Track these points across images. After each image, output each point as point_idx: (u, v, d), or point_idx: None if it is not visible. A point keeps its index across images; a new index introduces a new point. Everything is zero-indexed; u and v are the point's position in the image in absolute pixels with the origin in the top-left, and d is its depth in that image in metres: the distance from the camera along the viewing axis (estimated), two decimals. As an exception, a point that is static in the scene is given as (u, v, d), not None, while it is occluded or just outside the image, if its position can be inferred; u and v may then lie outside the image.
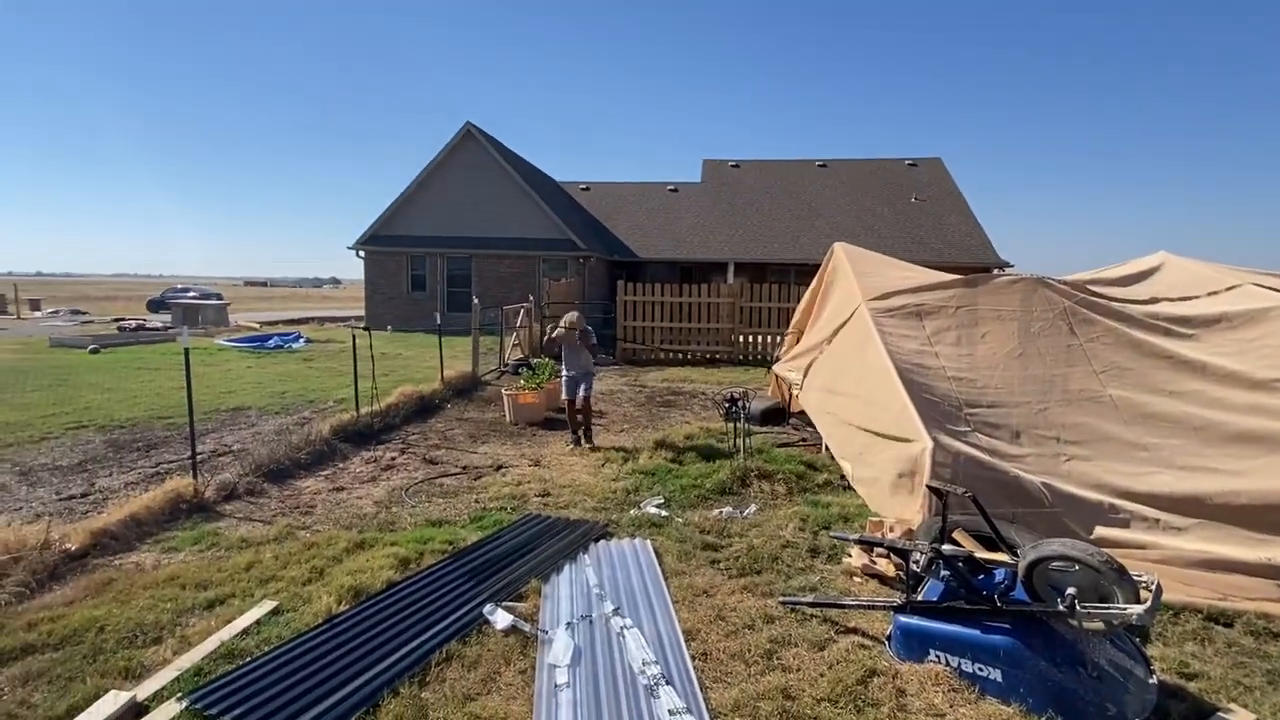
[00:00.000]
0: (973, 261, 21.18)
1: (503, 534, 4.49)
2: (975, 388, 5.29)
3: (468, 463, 6.54)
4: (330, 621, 3.29)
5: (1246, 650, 3.15)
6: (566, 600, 3.58)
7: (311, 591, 3.65)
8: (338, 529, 4.72)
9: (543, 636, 3.19)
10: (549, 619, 3.39)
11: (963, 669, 2.84)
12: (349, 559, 4.10)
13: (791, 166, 28.33)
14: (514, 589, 3.69)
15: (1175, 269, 6.49)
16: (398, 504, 5.34)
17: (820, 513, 4.88)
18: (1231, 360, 5.06)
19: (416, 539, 4.40)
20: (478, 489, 5.72)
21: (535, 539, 4.40)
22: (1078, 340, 5.52)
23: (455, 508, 5.24)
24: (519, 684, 2.86)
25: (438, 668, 2.95)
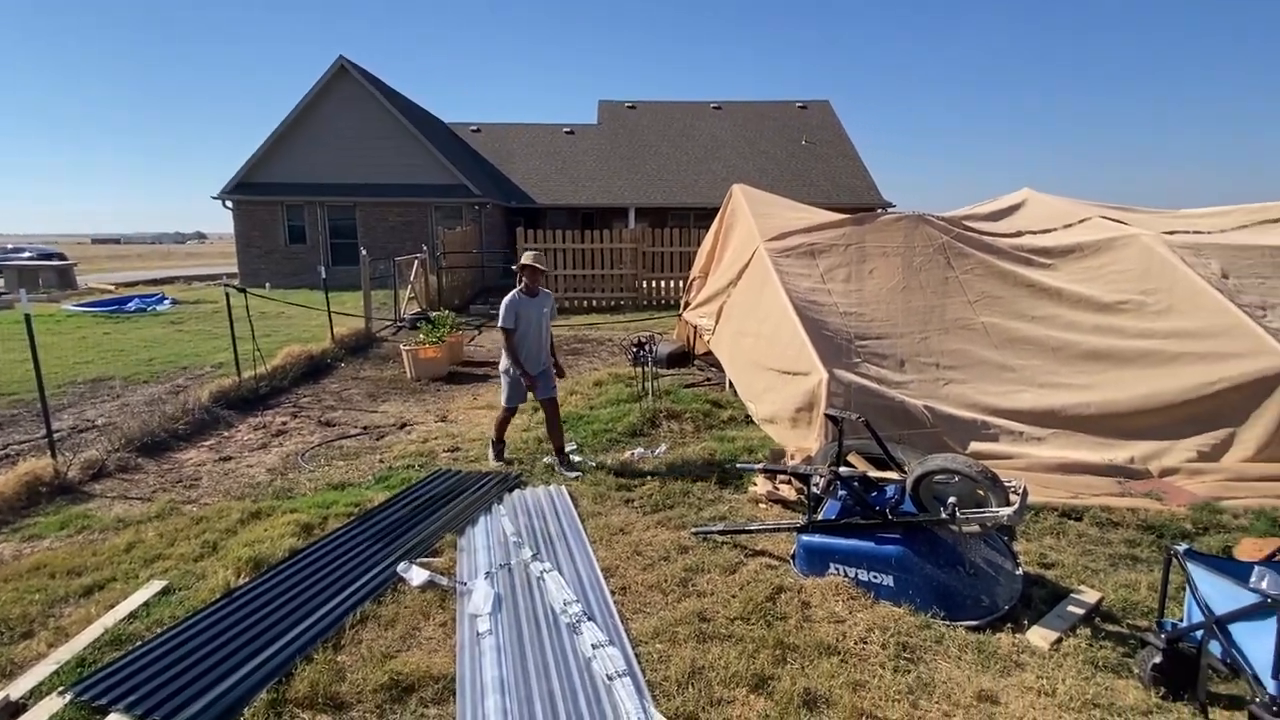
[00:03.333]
0: (858, 202, 22.12)
1: (412, 492, 4.38)
2: (864, 321, 5.60)
3: (368, 423, 6.28)
4: (230, 596, 3.12)
5: (1093, 539, 3.61)
6: (484, 551, 3.57)
7: (205, 567, 3.43)
8: (229, 500, 4.43)
9: (461, 589, 3.17)
10: (467, 571, 3.37)
11: (859, 578, 3.10)
12: (245, 530, 3.87)
13: (687, 108, 28.17)
14: (428, 545, 3.63)
15: (1037, 204, 7.08)
16: (294, 470, 5.07)
17: (727, 447, 5.08)
18: (1083, 286, 5.62)
19: (318, 504, 4.21)
20: (381, 449, 5.51)
21: (447, 494, 4.32)
22: (954, 273, 5.94)
23: (358, 469, 5.04)
24: (440, 637, 2.84)
25: (353, 630, 2.88)
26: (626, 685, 2.46)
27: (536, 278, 4.70)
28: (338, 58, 19.72)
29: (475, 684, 2.52)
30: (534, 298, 4.70)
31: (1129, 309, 5.29)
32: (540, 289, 4.76)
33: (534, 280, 4.69)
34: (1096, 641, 2.70)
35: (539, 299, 4.74)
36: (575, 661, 2.64)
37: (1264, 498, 3.99)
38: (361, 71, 19.96)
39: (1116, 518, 3.83)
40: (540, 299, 4.75)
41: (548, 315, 4.82)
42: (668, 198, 23.48)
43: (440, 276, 14.56)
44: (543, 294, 4.80)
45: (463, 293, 15.86)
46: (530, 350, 4.75)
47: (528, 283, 4.69)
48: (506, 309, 4.61)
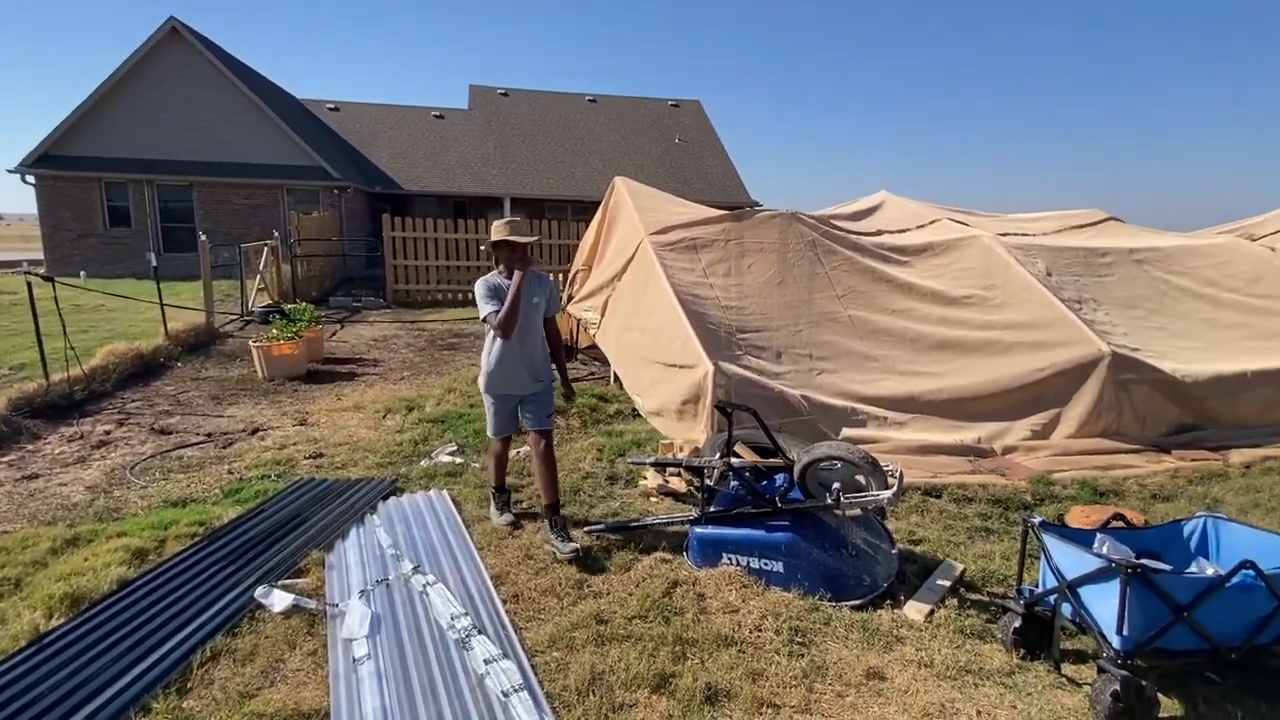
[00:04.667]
0: (729, 201, 22.97)
1: (269, 505, 3.94)
2: (744, 314, 5.76)
3: (213, 429, 5.59)
4: (39, 643, 2.62)
5: (952, 515, 3.93)
6: (357, 567, 3.26)
7: (6, 609, 2.87)
8: (36, 526, 3.75)
9: (332, 611, 2.87)
10: (338, 591, 3.06)
11: (751, 566, 3.15)
12: (59, 562, 3.28)
13: (562, 99, 27.85)
14: (291, 565, 3.26)
15: (893, 206, 7.64)
16: (122, 486, 4.40)
17: (615, 441, 5.03)
18: (934, 282, 6.13)
19: (154, 525, 3.67)
20: (230, 458, 4.93)
21: (311, 506, 3.92)
22: (823, 268, 6.26)
23: (203, 482, 4.46)
24: (309, 667, 2.55)
25: (202, 669, 2.51)
26: (524, 700, 2.32)
27: (517, 256, 3.37)
28: (168, 19, 17.49)
29: (354, 717, 2.28)
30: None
31: (973, 303, 5.83)
32: (533, 271, 3.49)
33: (513, 261, 3.37)
34: (963, 611, 2.92)
35: (526, 285, 3.37)
36: (467, 680, 2.46)
37: (1085, 469, 4.54)
38: (197, 35, 17.85)
39: (970, 494, 4.20)
40: (530, 284, 3.41)
41: (541, 307, 3.50)
42: (545, 189, 23.11)
43: (295, 265, 13.37)
44: (535, 278, 3.48)
45: (321, 283, 14.69)
46: (514, 358, 3.44)
47: (506, 265, 3.41)
48: (481, 295, 3.36)
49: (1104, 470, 4.55)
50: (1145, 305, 5.97)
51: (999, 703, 2.39)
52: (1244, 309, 6.03)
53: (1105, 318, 5.63)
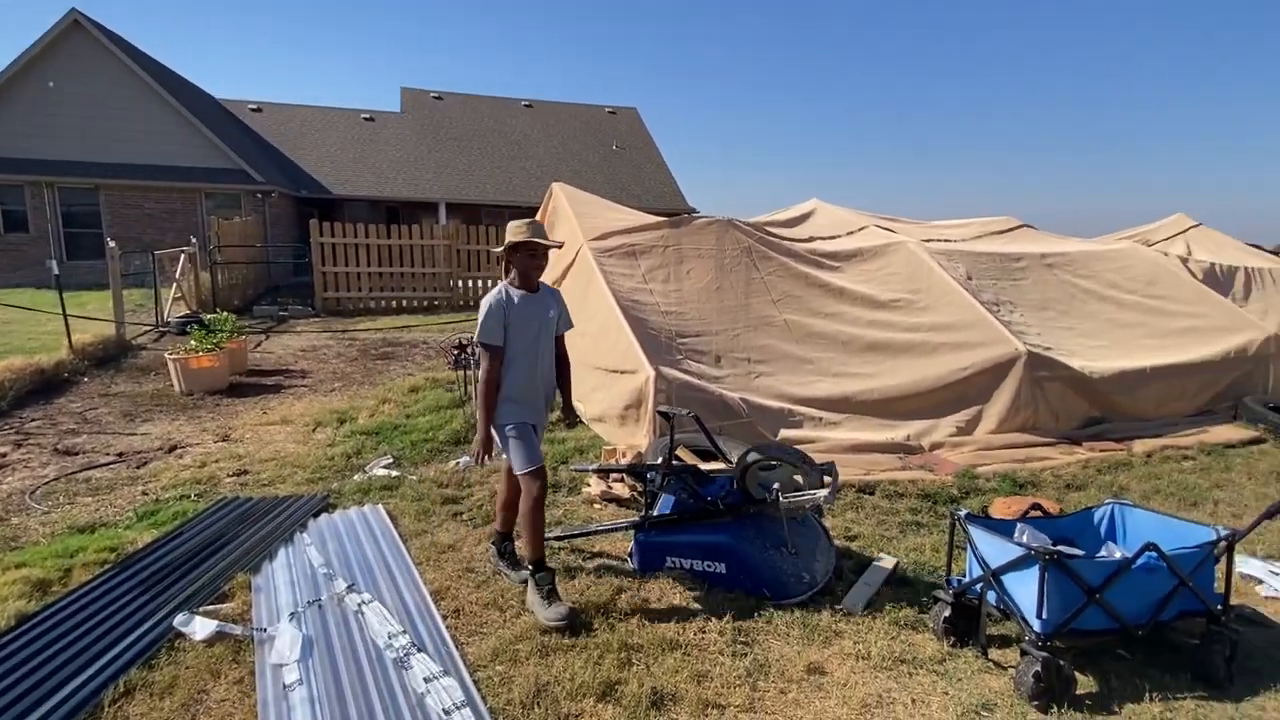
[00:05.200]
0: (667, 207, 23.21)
1: (188, 527, 3.71)
2: (683, 320, 5.83)
3: (126, 448, 5.24)
4: (-78, 689, 2.38)
5: (885, 510, 4.07)
6: (286, 589, 3.12)
7: (-120, 655, 2.59)
8: (-83, 561, 3.42)
9: (260, 636, 2.73)
10: (266, 614, 2.91)
11: (695, 569, 3.18)
12: (-56, 598, 3.00)
13: (497, 103, 27.53)
14: (214, 590, 3.09)
15: (824, 213, 7.88)
16: (20, 513, 4.06)
17: (557, 448, 4.99)
18: (864, 286, 6.35)
19: (58, 553, 3.40)
20: (145, 479, 4.63)
21: (235, 526, 3.72)
22: (759, 274, 6.40)
23: (114, 505, 4.17)
24: (235, 698, 2.41)
25: (115, 706, 2.34)
26: (466, 717, 2.27)
27: (538, 264, 3.00)
28: (70, 10, 16.36)
29: (285, 746, 2.17)
30: (533, 295, 3.01)
31: (900, 306, 6.07)
32: (543, 284, 3.10)
33: (533, 269, 2.99)
34: (898, 603, 3.02)
35: (540, 299, 3.02)
36: (406, 700, 2.38)
37: (1006, 463, 4.79)
38: (102, 29, 16.77)
39: (901, 489, 4.36)
40: (543, 299, 3.04)
41: (554, 325, 3.09)
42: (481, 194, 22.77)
43: (215, 273, 12.71)
44: (546, 291, 3.10)
45: (244, 292, 14.02)
46: (523, 383, 2.99)
47: (520, 273, 2.97)
48: (488, 313, 2.90)
49: (1023, 463, 4.81)
50: (1056, 307, 6.36)
51: (931, 690, 2.48)
52: (1142, 309, 6.51)
53: (1020, 319, 5.97)
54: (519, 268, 2.99)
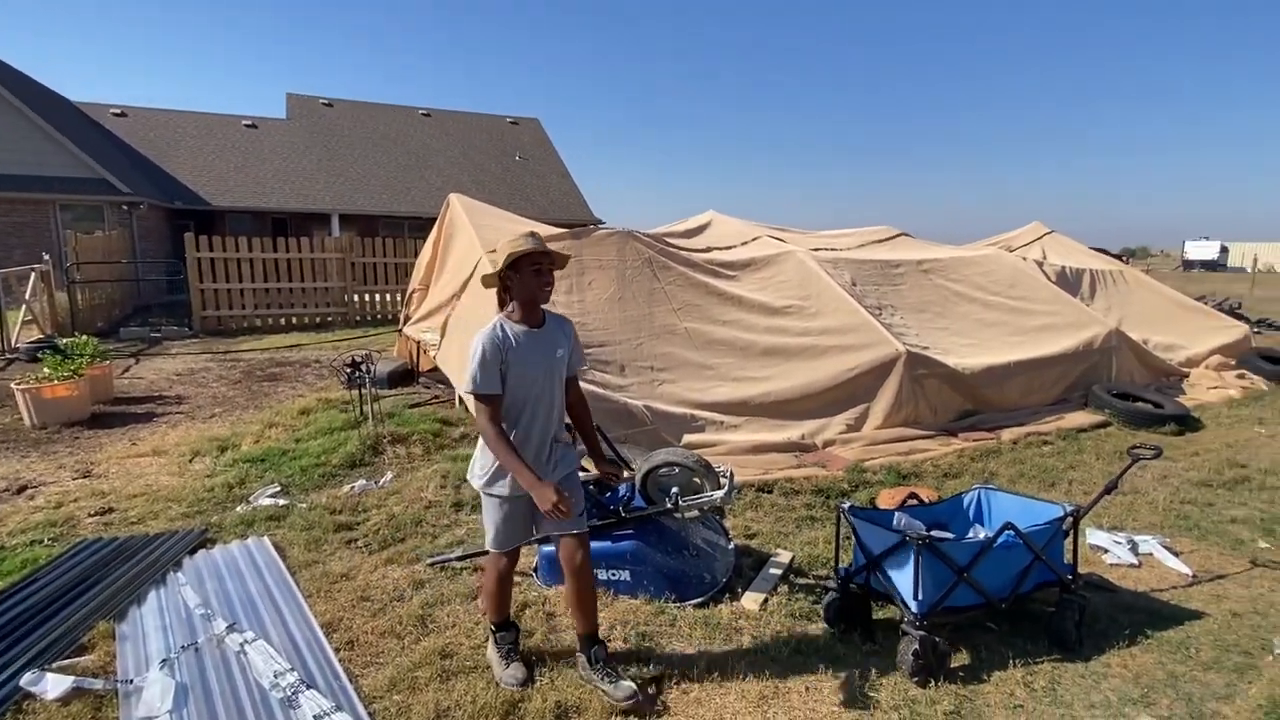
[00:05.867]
0: (572, 218, 23.24)
1: (41, 575, 3.35)
2: (587, 330, 5.85)
3: (-38, 491, 4.65)
4: None
5: (782, 508, 4.25)
6: (157, 634, 2.87)
7: None
8: None
9: (125, 689, 2.50)
10: (133, 664, 2.67)
11: (599, 578, 3.19)
12: None
13: (393, 111, 26.66)
14: (70, 641, 2.80)
15: (720, 224, 8.15)
16: None
17: (460, 467, 4.86)
18: (758, 294, 6.61)
19: (-128, 617, 2.98)
20: (-14, 524, 4.13)
21: (97, 570, 3.39)
22: (659, 284, 6.52)
23: (-53, 557, 3.69)
24: (95, 758, 2.20)
25: (-56, 785, 2.08)
26: (361, 752, 2.17)
27: (544, 283, 2.37)
28: (-120, -3, 14.40)
29: (154, 806, 2.00)
30: (538, 330, 2.41)
31: (792, 312, 6.37)
32: (547, 312, 2.48)
33: (540, 290, 2.37)
34: (793, 595, 3.16)
35: (547, 335, 2.44)
36: (294, 741, 2.25)
37: (891, 456, 5.11)
38: (-75, 21, 14.87)
39: (797, 486, 4.57)
40: (550, 335, 2.45)
41: (564, 362, 2.50)
42: (378, 205, 21.93)
43: (74, 293, 11.53)
44: (555, 321, 2.51)
45: (109, 313, 12.81)
46: (531, 433, 2.43)
47: (525, 300, 2.38)
48: (484, 357, 2.29)
49: (906, 455, 5.15)
50: (931, 309, 6.86)
51: (823, 676, 2.61)
52: (1005, 309, 7.14)
53: (900, 321, 6.40)
54: (523, 293, 2.34)
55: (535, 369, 2.38)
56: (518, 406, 2.40)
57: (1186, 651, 2.80)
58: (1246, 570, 3.54)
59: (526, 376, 2.37)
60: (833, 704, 2.47)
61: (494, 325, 2.38)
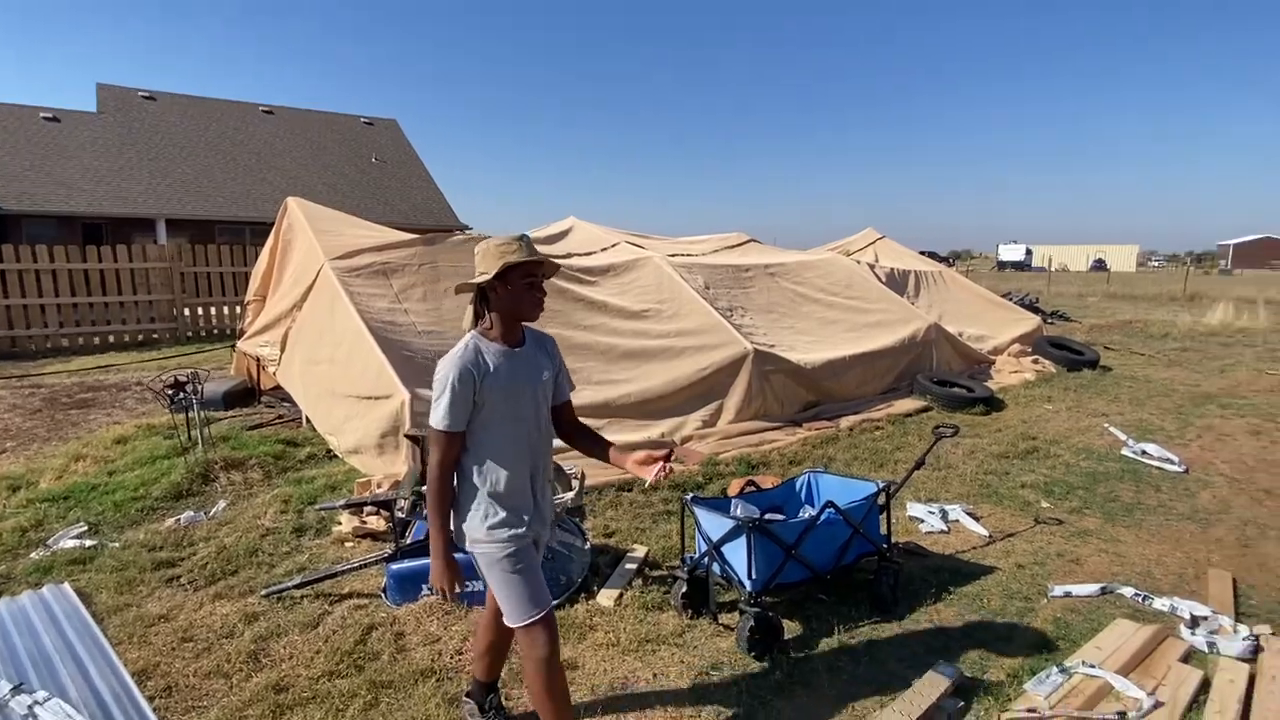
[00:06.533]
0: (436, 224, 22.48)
1: None
2: (444, 339, 5.69)
3: None
4: None
5: (641, 505, 4.38)
6: (-82, 708, 2.46)
7: None
8: None
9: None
10: (-117, 746, 2.28)
11: (453, 592, 3.14)
12: None
13: (230, 107, 24.44)
14: None
15: (581, 230, 8.25)
16: None
17: (305, 489, 4.58)
18: (619, 299, 6.77)
19: None
20: None
21: None
22: (521, 290, 6.50)
23: None
24: None
25: None
26: (176, 805, 2.00)
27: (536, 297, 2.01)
28: None
29: None
30: (519, 351, 2.05)
31: (651, 316, 6.58)
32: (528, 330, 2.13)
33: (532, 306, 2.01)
34: (646, 588, 3.28)
35: (529, 355, 2.09)
36: (94, 805, 2.03)
37: (743, 448, 5.43)
38: None
39: (655, 483, 4.72)
40: (532, 356, 2.10)
41: (549, 386, 2.15)
42: (214, 209, 20.02)
43: None
44: (535, 339, 2.16)
45: None
46: (516, 479, 2.02)
47: (508, 313, 2.01)
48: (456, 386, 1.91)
49: (756, 447, 5.49)
50: (779, 310, 7.36)
51: (671, 661, 2.74)
52: (842, 308, 7.80)
53: (750, 322, 6.81)
54: (508, 306, 1.97)
55: (519, 395, 1.98)
56: (501, 444, 1.97)
57: (980, 602, 3.22)
58: (1031, 528, 4.11)
59: (509, 404, 1.97)
60: (678, 687, 2.60)
61: (467, 346, 1.96)
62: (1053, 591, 3.30)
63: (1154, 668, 2.66)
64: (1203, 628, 2.91)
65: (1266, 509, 4.44)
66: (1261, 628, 2.94)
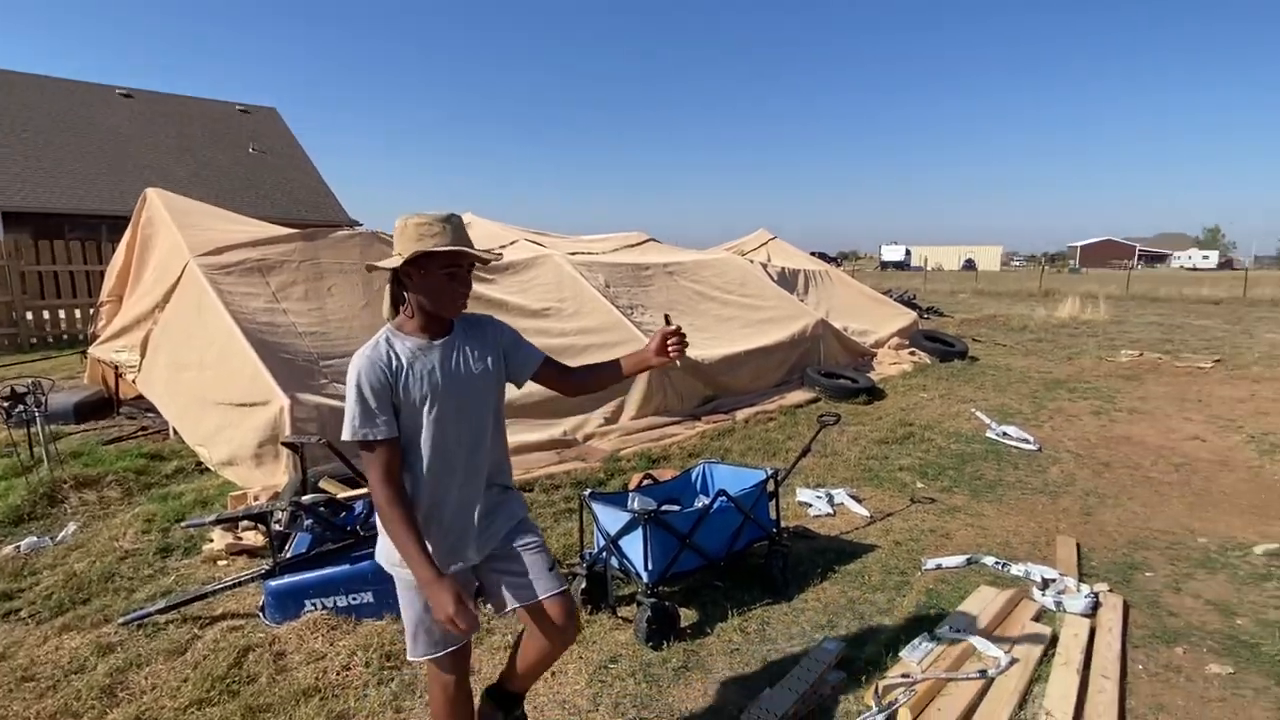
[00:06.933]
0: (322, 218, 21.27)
1: None
2: (329, 340, 5.40)
3: None
4: None
5: (543, 504, 4.34)
6: None
7: None
8: None
9: None
10: None
11: (339, 605, 2.98)
12: None
13: (80, 89, 22.00)
14: None
15: (478, 226, 8.07)
16: None
17: (171, 506, 4.20)
18: (519, 297, 6.66)
19: None
20: None
21: None
22: (414, 288, 6.27)
23: None
24: None
25: None
26: None
27: (458, 289, 1.75)
28: None
29: None
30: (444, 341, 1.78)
31: (552, 314, 6.53)
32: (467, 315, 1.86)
33: (452, 297, 1.75)
34: (545, 587, 3.25)
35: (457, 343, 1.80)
36: None
37: (644, 444, 5.50)
38: None
39: (558, 481, 4.70)
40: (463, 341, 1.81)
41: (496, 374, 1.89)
42: (63, 201, 17.98)
43: None
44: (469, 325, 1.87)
45: None
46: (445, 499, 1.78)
47: (427, 305, 1.74)
48: (363, 388, 1.67)
49: (657, 441, 5.58)
50: (678, 307, 7.50)
51: (569, 658, 2.73)
52: (738, 305, 8.06)
53: (650, 319, 6.90)
54: (427, 300, 1.71)
55: (443, 397, 1.70)
56: (422, 454, 1.70)
57: (862, 579, 3.43)
58: (908, 507, 4.42)
59: (431, 409, 1.69)
60: (576, 684, 2.60)
61: (377, 342, 1.70)
62: (926, 565, 3.56)
63: (1011, 628, 2.93)
64: (1051, 589, 3.24)
65: (1105, 480, 5.00)
66: (1100, 586, 3.32)
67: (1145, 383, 8.36)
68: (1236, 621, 3.05)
